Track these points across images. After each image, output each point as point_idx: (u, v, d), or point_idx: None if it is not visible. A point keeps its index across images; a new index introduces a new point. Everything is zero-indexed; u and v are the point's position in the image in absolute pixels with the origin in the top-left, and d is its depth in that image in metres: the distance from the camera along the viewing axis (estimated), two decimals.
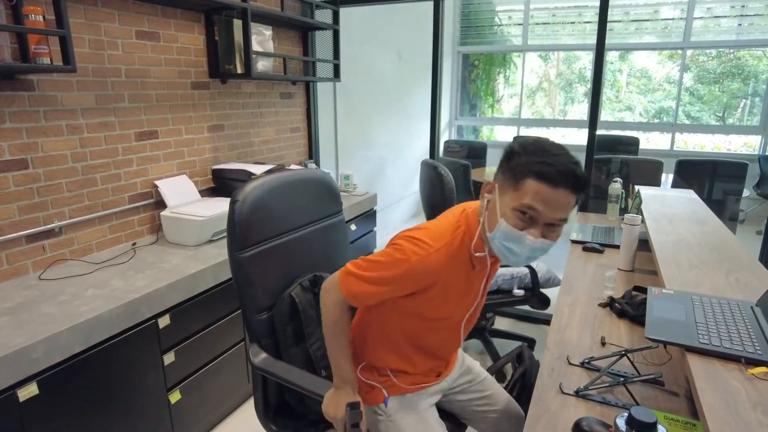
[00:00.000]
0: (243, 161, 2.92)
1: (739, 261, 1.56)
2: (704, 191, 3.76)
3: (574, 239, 2.27)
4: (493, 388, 1.48)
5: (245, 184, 1.36)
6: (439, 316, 1.19)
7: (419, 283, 1.11)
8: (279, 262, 1.44)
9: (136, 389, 1.77)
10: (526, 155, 1.00)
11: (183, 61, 2.47)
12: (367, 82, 4.48)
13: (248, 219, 1.34)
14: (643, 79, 6.79)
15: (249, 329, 1.40)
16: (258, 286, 1.38)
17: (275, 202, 1.43)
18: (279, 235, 1.45)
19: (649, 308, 1.17)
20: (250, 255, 1.35)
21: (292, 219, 1.50)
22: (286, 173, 1.49)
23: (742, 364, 0.95)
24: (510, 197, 1.02)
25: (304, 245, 1.52)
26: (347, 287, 1.15)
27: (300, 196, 1.53)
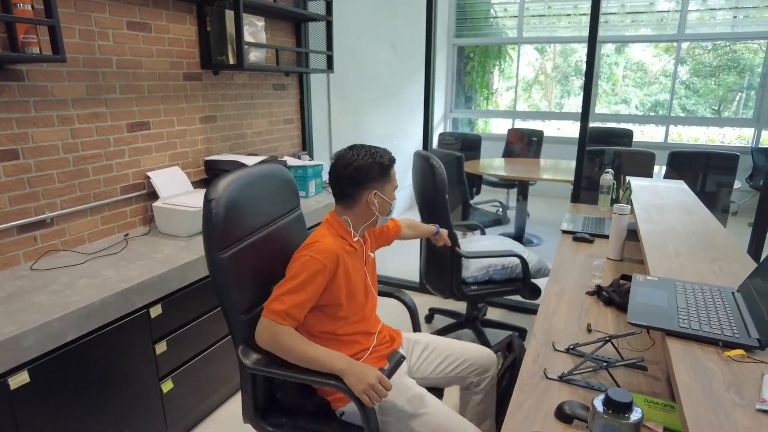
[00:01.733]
0: (236, 152, 2.92)
1: (724, 249, 1.58)
2: (697, 183, 3.78)
3: (565, 229, 2.29)
4: (452, 346, 1.65)
5: (216, 181, 1.34)
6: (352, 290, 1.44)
7: (327, 269, 1.34)
8: (256, 260, 1.44)
9: (129, 378, 1.78)
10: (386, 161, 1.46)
11: (175, 52, 2.46)
12: (362, 74, 4.48)
13: (226, 217, 1.32)
14: (639, 72, 6.79)
15: (234, 331, 1.38)
16: (239, 287, 1.37)
17: (246, 199, 1.42)
18: (253, 232, 1.45)
19: (632, 294, 1.18)
20: (230, 255, 1.34)
21: (262, 215, 1.50)
22: (251, 169, 1.47)
23: (719, 347, 0.97)
24: (389, 187, 1.49)
25: (274, 241, 1.53)
26: (276, 313, 1.30)
27: (266, 191, 1.52)
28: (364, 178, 1.42)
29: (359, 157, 1.42)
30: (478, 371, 1.62)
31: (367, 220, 1.49)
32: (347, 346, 1.46)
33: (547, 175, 4.48)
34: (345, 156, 1.44)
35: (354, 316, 1.48)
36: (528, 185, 4.63)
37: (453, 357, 1.62)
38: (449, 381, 1.63)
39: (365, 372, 1.24)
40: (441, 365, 1.61)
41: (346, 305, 1.43)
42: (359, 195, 1.44)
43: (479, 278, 2.45)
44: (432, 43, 3.18)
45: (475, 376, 1.61)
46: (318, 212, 2.82)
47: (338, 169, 1.45)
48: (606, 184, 2.66)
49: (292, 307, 1.31)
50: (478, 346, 1.67)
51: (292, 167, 2.92)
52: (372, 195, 1.44)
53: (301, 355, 1.28)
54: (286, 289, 1.32)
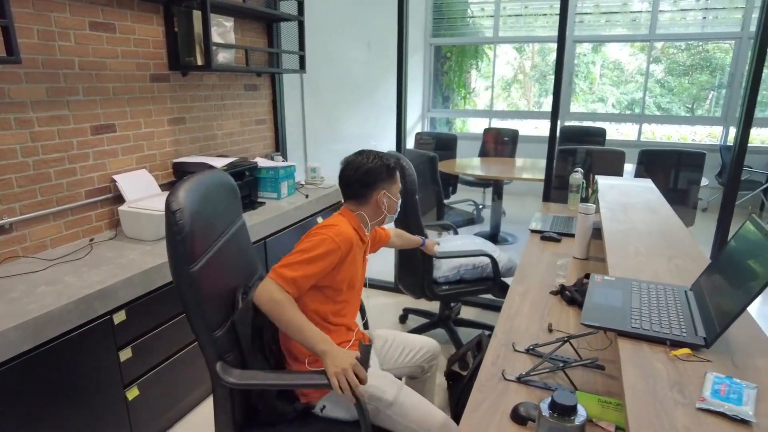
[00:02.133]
0: (205, 154, 2.89)
1: (682, 248, 1.61)
2: (668, 180, 3.85)
3: (533, 229, 2.31)
4: (406, 338, 1.78)
5: (174, 191, 1.26)
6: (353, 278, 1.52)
7: (341, 251, 1.42)
8: (222, 270, 1.40)
9: (91, 386, 1.74)
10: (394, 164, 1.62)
11: (141, 53, 2.42)
12: (336, 74, 4.46)
13: (193, 227, 1.25)
14: (615, 71, 6.90)
15: (208, 350, 1.32)
16: (210, 301, 1.31)
17: (206, 206, 1.36)
18: (215, 241, 1.40)
19: (588, 295, 1.20)
20: (200, 267, 1.27)
21: (219, 223, 1.45)
22: (200, 176, 1.41)
23: (667, 347, 0.98)
24: (395, 187, 1.63)
25: (231, 249, 1.49)
26: (284, 278, 1.35)
27: (218, 198, 1.48)
28: (373, 179, 1.55)
29: (369, 160, 1.56)
30: (429, 358, 1.77)
31: (376, 218, 1.61)
32: (332, 334, 1.47)
33: (522, 175, 4.52)
34: (355, 161, 1.58)
35: (347, 306, 1.56)
36: (503, 184, 4.67)
37: (410, 347, 1.75)
38: (407, 371, 1.76)
39: (344, 356, 1.27)
40: (401, 356, 1.73)
41: (345, 292, 1.52)
42: (369, 195, 1.56)
43: (450, 278, 2.46)
44: (404, 43, 3.18)
45: (427, 362, 1.77)
46: (290, 214, 2.80)
47: (349, 172, 1.57)
48: (575, 183, 2.69)
49: (302, 277, 1.37)
50: (423, 337, 1.82)
51: (263, 168, 2.90)
52: (381, 195, 1.56)
53: (295, 323, 1.31)
54: (301, 259, 1.37)
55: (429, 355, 1.77)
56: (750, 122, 2.54)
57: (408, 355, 1.74)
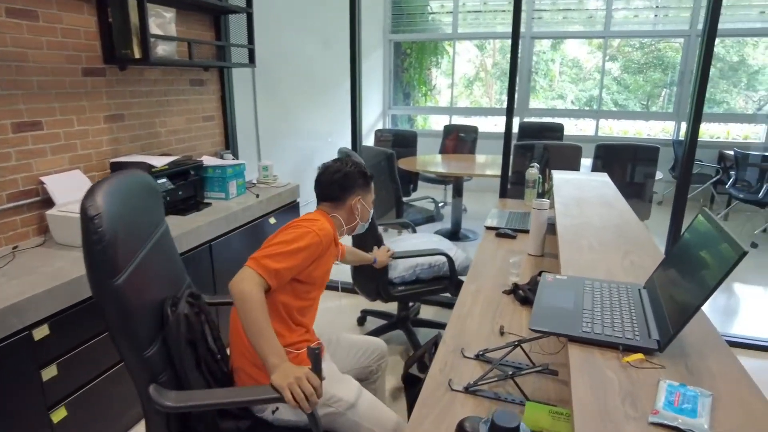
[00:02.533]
0: (148, 153, 2.72)
1: (637, 242, 1.57)
2: (624, 175, 3.88)
3: (489, 225, 2.25)
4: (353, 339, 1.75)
5: (90, 194, 1.11)
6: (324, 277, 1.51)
7: (322, 246, 1.42)
8: (149, 281, 1.27)
9: (10, 409, 1.57)
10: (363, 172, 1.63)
11: (71, 44, 2.24)
12: (292, 69, 4.32)
13: (114, 234, 1.11)
14: (574, 68, 6.99)
15: (138, 372, 1.19)
16: (138, 317, 1.17)
17: (127, 211, 1.22)
18: (140, 249, 1.26)
19: (538, 296, 1.13)
20: (125, 279, 1.13)
21: (143, 229, 1.31)
22: (121, 176, 1.27)
23: (620, 351, 0.92)
24: (370, 197, 1.66)
25: (157, 256, 1.36)
26: (266, 268, 1.30)
27: (140, 201, 1.33)
28: (351, 184, 1.58)
29: (347, 165, 1.60)
30: (377, 358, 1.74)
31: (350, 223, 1.62)
32: (292, 333, 1.46)
33: (483, 171, 4.49)
34: (334, 165, 1.60)
35: (312, 306, 1.53)
36: (463, 181, 4.63)
37: (356, 348, 1.72)
38: (355, 373, 1.69)
39: (294, 369, 1.19)
40: (348, 357, 1.70)
41: (316, 290, 1.51)
42: (345, 199, 1.58)
43: (407, 278, 2.38)
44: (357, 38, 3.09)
45: (375, 362, 1.74)
46: (239, 215, 2.66)
47: (327, 175, 1.59)
48: (531, 178, 2.65)
49: (285, 269, 1.33)
50: (369, 337, 1.80)
51: (209, 167, 2.75)
52: (356, 201, 1.59)
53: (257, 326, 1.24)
54: (285, 250, 1.34)
55: (376, 355, 1.74)
56: (699, 118, 2.55)
57: (355, 357, 1.71)
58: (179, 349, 1.26)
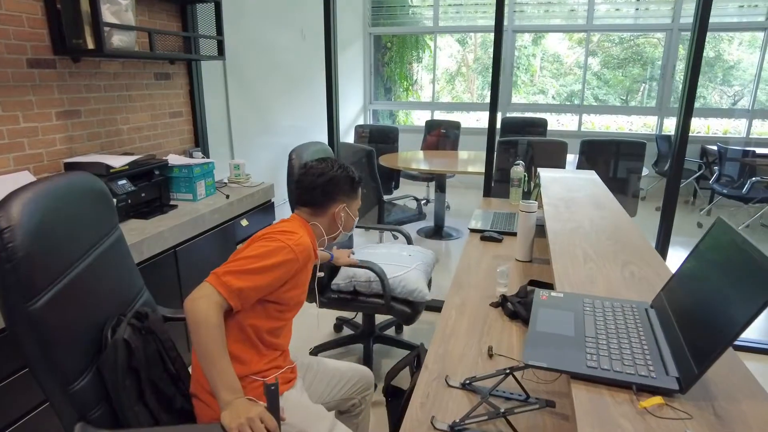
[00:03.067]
0: (108, 152, 2.52)
1: (635, 250, 1.44)
2: (609, 170, 3.79)
3: (473, 227, 2.11)
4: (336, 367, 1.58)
5: (6, 202, 0.96)
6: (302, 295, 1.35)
7: (298, 263, 1.25)
8: (82, 302, 1.10)
9: None
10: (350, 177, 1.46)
11: (12, 32, 2.03)
12: (266, 63, 4.12)
13: (30, 251, 0.95)
14: (555, 63, 6.92)
15: (63, 408, 1.02)
16: (62, 346, 1.01)
17: (55, 222, 1.05)
18: (72, 266, 1.09)
19: (532, 320, 0.99)
20: (44, 303, 0.97)
21: (79, 242, 1.14)
22: (54, 179, 1.11)
23: (633, 393, 0.78)
24: (355, 204, 1.50)
25: (99, 273, 1.19)
26: (228, 287, 1.14)
27: (78, 210, 1.16)
28: (336, 190, 1.42)
29: (333, 168, 1.43)
30: (361, 389, 1.58)
31: (331, 233, 1.47)
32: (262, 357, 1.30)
33: (466, 168, 4.36)
34: (317, 166, 1.43)
35: (287, 326, 1.38)
36: (446, 178, 4.50)
37: (339, 377, 1.55)
38: (335, 404, 1.55)
39: (247, 407, 1.05)
40: (329, 387, 1.53)
41: (291, 310, 1.35)
42: (328, 206, 1.42)
43: (342, 287, 2.20)
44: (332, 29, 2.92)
45: (358, 394, 1.57)
46: (207, 218, 2.48)
47: (310, 177, 1.42)
48: (516, 176, 2.52)
49: (251, 289, 1.17)
50: (357, 365, 1.61)
51: (175, 167, 2.56)
52: (340, 209, 1.43)
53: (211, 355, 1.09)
54: (252, 267, 1.18)
55: (361, 386, 1.57)
56: (690, 112, 2.45)
57: (336, 387, 1.54)
58: (116, 380, 1.09)
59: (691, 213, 5.43)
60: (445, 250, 4.31)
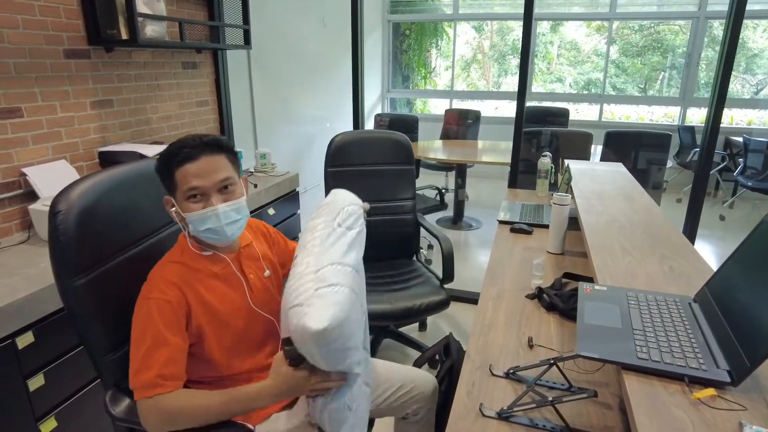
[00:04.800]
0: (138, 141, 2.56)
1: (671, 244, 1.45)
2: (633, 162, 3.77)
3: (502, 219, 2.13)
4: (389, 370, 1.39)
5: (69, 188, 1.06)
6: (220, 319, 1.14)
7: (174, 306, 1.06)
8: (125, 286, 1.15)
9: None
10: (161, 159, 1.10)
11: (50, 23, 2.07)
12: (289, 51, 4.14)
13: (79, 234, 1.05)
14: (573, 51, 6.83)
15: (102, 373, 1.12)
16: (105, 319, 1.10)
17: (110, 208, 1.13)
18: (121, 250, 1.17)
19: (580, 312, 1.01)
20: (88, 281, 1.06)
21: (134, 228, 1.21)
22: (123, 168, 1.19)
23: (685, 384, 0.80)
24: (180, 194, 1.10)
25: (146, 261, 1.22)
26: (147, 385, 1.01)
27: (139, 197, 1.23)
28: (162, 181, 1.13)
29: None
30: (417, 398, 1.36)
31: (187, 241, 1.17)
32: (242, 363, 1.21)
33: (486, 157, 4.35)
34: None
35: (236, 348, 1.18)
36: (466, 168, 4.50)
37: (389, 383, 1.35)
38: (383, 412, 1.38)
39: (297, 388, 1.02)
40: (381, 391, 1.34)
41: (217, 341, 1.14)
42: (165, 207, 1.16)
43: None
44: (359, 17, 2.92)
45: (414, 403, 1.36)
46: None
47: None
48: (544, 168, 2.52)
49: (163, 365, 1.01)
50: (418, 370, 1.42)
51: None
52: (167, 203, 1.14)
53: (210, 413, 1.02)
54: (143, 354, 1.02)
55: (414, 395, 1.36)
56: (723, 103, 2.42)
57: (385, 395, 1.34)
58: None
59: (713, 206, 5.37)
60: (464, 240, 4.33)
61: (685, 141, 5.59)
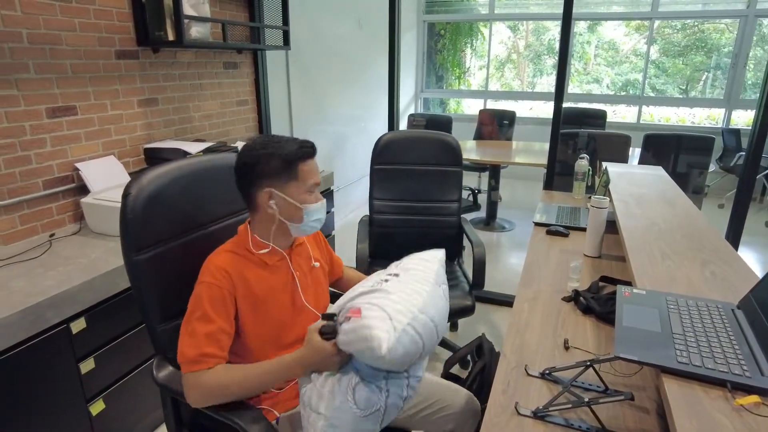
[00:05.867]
0: (181, 138, 2.65)
1: (713, 249, 1.43)
2: (673, 166, 3.67)
3: (538, 221, 2.12)
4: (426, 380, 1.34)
5: (142, 174, 1.19)
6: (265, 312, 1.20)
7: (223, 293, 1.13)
8: (184, 265, 1.26)
9: (50, 401, 1.55)
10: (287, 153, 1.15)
11: (104, 26, 2.17)
12: (325, 51, 4.20)
13: (144, 215, 1.18)
14: (611, 51, 6.68)
15: (154, 340, 1.23)
16: (160, 292, 1.22)
17: (179, 195, 1.26)
18: (184, 233, 1.28)
19: (618, 316, 1.01)
20: (149, 257, 1.18)
21: (200, 214, 1.33)
22: (197, 159, 1.30)
23: (727, 390, 0.80)
24: (301, 186, 1.17)
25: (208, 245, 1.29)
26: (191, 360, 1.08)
27: (207, 187, 1.35)
28: (256, 173, 1.16)
29: (255, 147, 1.16)
30: (454, 417, 1.29)
31: (269, 228, 1.20)
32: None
33: (520, 158, 4.32)
34: (243, 147, 1.19)
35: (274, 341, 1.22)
36: (500, 168, 4.47)
37: (421, 397, 1.30)
38: (416, 425, 1.33)
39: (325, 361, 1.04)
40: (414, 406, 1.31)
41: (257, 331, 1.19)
42: (253, 196, 1.18)
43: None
44: (396, 18, 2.94)
45: (451, 422, 1.29)
46: None
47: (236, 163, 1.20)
48: (581, 170, 2.49)
49: (208, 345, 1.08)
50: (456, 387, 1.35)
51: None
52: (264, 194, 1.16)
53: (253, 380, 1.08)
54: (190, 330, 1.10)
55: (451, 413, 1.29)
56: None
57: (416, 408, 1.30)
58: None
59: (758, 212, 5.17)
60: (497, 242, 4.30)
61: (729, 144, 5.40)
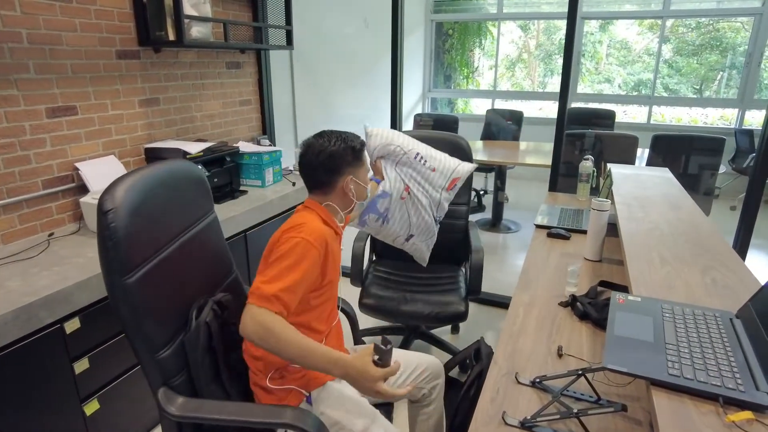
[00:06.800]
0: (183, 138, 2.65)
1: (716, 254, 1.38)
2: (683, 166, 3.60)
3: (539, 223, 2.08)
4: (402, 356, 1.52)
5: (111, 186, 1.08)
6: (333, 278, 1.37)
7: (318, 251, 1.25)
8: (171, 279, 1.20)
9: (44, 401, 1.55)
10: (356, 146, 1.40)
11: (104, 26, 2.17)
12: (330, 51, 4.19)
13: (129, 231, 1.06)
14: (623, 50, 6.59)
15: (151, 373, 1.13)
16: (152, 318, 1.12)
17: (153, 205, 1.17)
18: (164, 246, 1.20)
19: (610, 323, 0.98)
20: (138, 278, 1.08)
21: (173, 224, 1.25)
22: (156, 166, 1.22)
23: (719, 405, 0.76)
24: (363, 171, 1.44)
25: (190, 253, 1.28)
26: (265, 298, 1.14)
27: (175, 194, 1.28)
28: (337, 164, 1.36)
29: (331, 143, 1.36)
30: (429, 378, 1.54)
31: (346, 207, 1.44)
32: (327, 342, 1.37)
33: (528, 159, 4.27)
34: (315, 144, 1.38)
35: (326, 303, 1.39)
36: (506, 170, 4.42)
37: (404, 367, 1.51)
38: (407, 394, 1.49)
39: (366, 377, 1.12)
40: (401, 376, 1.50)
41: (326, 292, 1.36)
42: (335, 182, 1.38)
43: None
44: (399, 16, 2.91)
45: (427, 383, 1.53)
46: (275, 204, 2.58)
47: (310, 157, 1.37)
48: (585, 171, 2.45)
49: (284, 291, 1.17)
50: (424, 354, 1.59)
51: (245, 154, 2.66)
52: (348, 181, 1.38)
53: (293, 349, 1.12)
54: (276, 273, 1.18)
55: (428, 375, 1.53)
56: None
57: (401, 376, 1.51)
58: (196, 359, 1.19)
59: None
60: (502, 243, 4.26)
61: (742, 145, 5.30)
